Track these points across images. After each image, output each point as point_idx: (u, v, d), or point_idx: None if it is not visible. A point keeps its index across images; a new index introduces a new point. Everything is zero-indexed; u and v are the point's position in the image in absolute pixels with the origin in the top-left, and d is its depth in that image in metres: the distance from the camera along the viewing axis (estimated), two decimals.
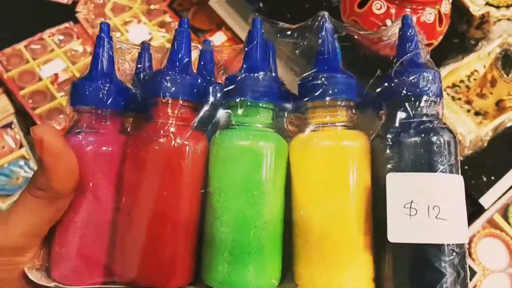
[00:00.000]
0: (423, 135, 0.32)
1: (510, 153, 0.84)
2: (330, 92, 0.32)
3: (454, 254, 0.30)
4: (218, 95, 0.33)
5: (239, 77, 0.32)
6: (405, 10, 0.74)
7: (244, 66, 0.33)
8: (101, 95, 0.32)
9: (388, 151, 0.32)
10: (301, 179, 0.33)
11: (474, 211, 0.83)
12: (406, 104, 0.33)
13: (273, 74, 0.38)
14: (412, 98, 0.33)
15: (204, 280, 0.33)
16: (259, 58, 0.33)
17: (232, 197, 0.31)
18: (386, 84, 0.34)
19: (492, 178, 0.82)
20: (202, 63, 0.40)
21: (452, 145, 0.32)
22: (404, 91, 0.32)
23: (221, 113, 0.33)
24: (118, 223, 0.33)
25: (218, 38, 1.26)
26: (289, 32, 0.38)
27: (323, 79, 0.32)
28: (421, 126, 0.32)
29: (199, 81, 0.33)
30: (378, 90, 0.34)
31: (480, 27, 0.92)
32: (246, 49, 0.34)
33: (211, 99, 0.33)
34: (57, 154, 0.29)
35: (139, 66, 0.39)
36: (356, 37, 0.38)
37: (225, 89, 0.33)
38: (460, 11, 0.92)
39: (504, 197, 0.82)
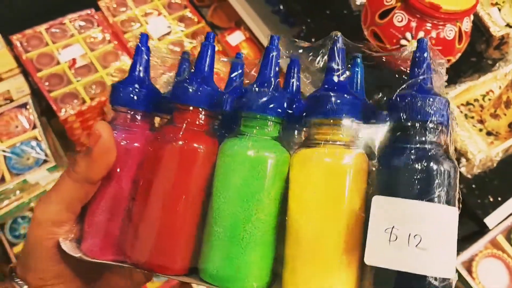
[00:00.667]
0: (412, 161, 0.31)
1: None
2: (334, 111, 0.33)
3: (432, 287, 0.29)
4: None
5: (249, 90, 0.34)
6: (426, 24, 0.74)
7: (257, 80, 0.35)
8: (135, 98, 0.36)
9: (380, 173, 0.32)
10: (297, 192, 0.33)
11: (478, 230, 0.83)
12: (403, 128, 0.32)
13: (292, 90, 0.40)
14: (409, 123, 0.32)
15: (199, 272, 0.35)
16: (272, 74, 0.35)
17: (228, 200, 0.33)
18: (389, 106, 0.34)
19: (499, 199, 0.82)
20: (232, 75, 0.42)
21: (446, 175, 0.31)
22: (403, 115, 0.32)
23: (233, 122, 0.36)
24: (132, 212, 0.36)
25: (237, 37, 1.26)
26: (301, 51, 0.39)
27: (328, 97, 0.33)
28: (414, 152, 0.31)
29: (217, 92, 0.36)
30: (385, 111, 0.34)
31: (499, 48, 0.92)
32: (261, 64, 0.36)
33: (225, 108, 0.36)
34: (107, 150, 0.34)
35: (178, 78, 0.42)
36: (373, 55, 0.38)
37: (236, 100, 0.36)
38: (480, 31, 0.92)
39: (509, 219, 0.83)
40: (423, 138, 0.32)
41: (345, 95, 0.33)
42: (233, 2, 1.12)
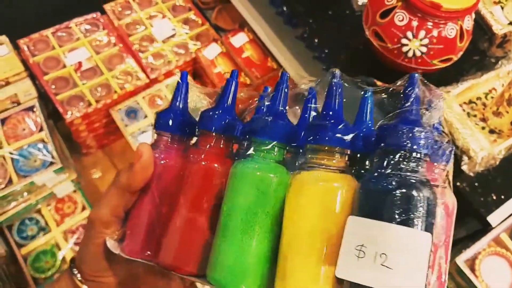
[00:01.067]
0: (385, 185, 0.33)
1: None
2: (327, 139, 0.36)
3: None
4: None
5: (257, 118, 0.39)
6: (427, 23, 0.74)
7: (267, 110, 0.40)
8: (173, 125, 0.43)
9: (358, 194, 0.34)
10: (290, 211, 0.36)
11: (481, 228, 0.83)
12: (383, 154, 0.35)
13: (308, 119, 0.45)
14: (387, 150, 0.34)
15: (206, 274, 0.38)
16: (280, 105, 0.40)
17: (232, 214, 0.38)
18: (375, 135, 0.36)
19: (502, 197, 0.82)
20: (260, 106, 0.49)
21: (421, 202, 0.32)
22: (382, 143, 0.35)
23: (243, 146, 0.41)
24: (159, 219, 0.43)
25: (240, 39, 1.27)
26: (303, 86, 0.44)
27: (322, 126, 0.37)
28: (387, 177, 0.33)
29: (236, 121, 0.42)
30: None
31: (502, 46, 0.92)
32: (271, 96, 0.41)
33: (237, 134, 0.42)
34: (146, 166, 0.42)
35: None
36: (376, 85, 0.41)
37: (244, 127, 0.41)
38: (483, 29, 0.92)
39: None
40: (400, 166, 0.34)
41: (339, 125, 0.36)
42: (236, 4, 1.13)
